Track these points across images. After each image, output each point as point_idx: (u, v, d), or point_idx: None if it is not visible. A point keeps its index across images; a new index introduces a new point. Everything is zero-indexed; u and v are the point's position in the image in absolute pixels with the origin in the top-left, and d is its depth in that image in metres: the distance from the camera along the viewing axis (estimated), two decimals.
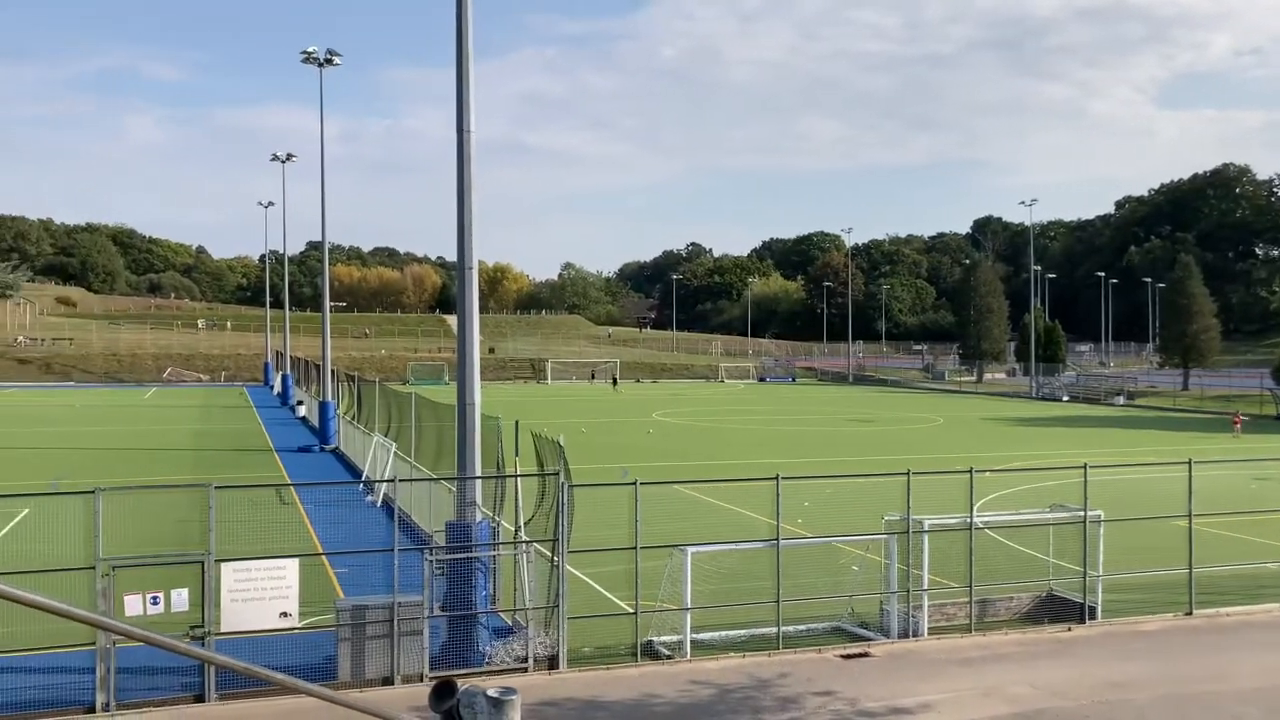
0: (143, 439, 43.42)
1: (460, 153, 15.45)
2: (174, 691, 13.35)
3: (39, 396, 70.29)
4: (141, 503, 23.48)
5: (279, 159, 62.61)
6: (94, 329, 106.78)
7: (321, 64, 41.44)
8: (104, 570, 13.06)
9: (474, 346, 15.73)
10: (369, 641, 13.78)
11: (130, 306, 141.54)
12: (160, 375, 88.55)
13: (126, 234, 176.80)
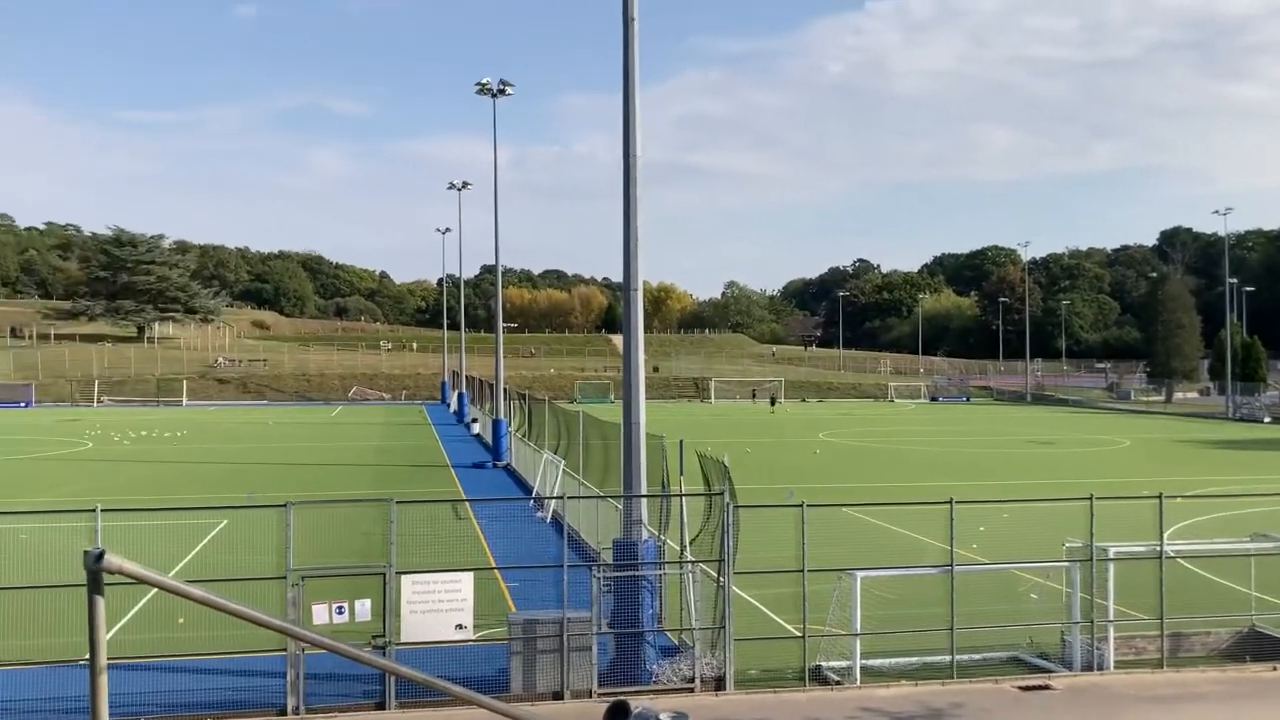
0: (329, 454, 45.74)
1: (627, 177, 15.70)
2: (357, 698, 13.96)
3: (236, 414, 75.09)
4: (329, 516, 24.72)
5: (455, 187, 65.19)
6: (285, 351, 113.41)
7: (495, 94, 42.93)
8: (294, 580, 13.79)
9: (639, 366, 15.91)
10: (540, 656, 14.07)
11: (318, 329, 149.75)
12: (346, 394, 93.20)
13: (315, 260, 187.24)
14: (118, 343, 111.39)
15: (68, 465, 41.91)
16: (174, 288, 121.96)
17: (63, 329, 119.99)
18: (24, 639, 15.80)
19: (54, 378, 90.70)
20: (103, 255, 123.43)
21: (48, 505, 29.35)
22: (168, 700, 13.29)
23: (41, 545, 22.66)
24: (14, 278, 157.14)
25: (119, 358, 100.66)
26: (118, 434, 56.22)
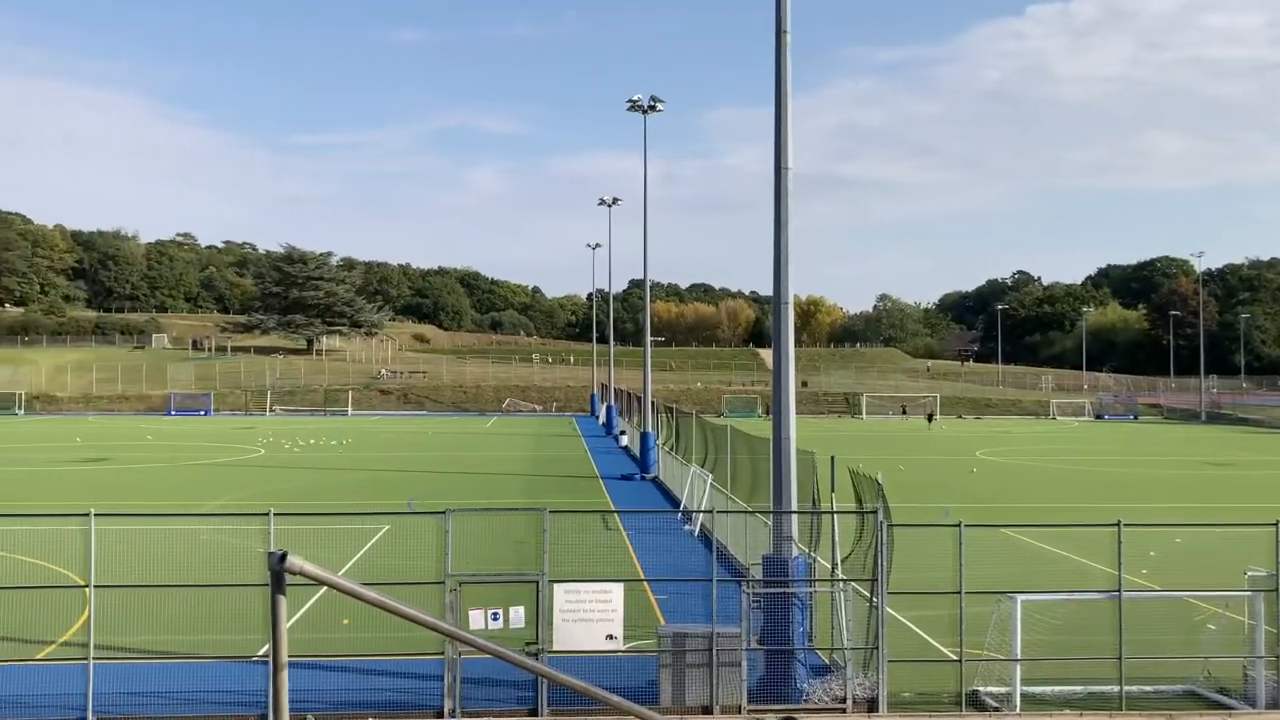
0: (484, 464, 46.97)
1: (778, 189, 15.62)
2: (510, 704, 14.26)
3: (398, 424, 77.99)
4: (484, 524, 25.37)
5: (605, 203, 66.16)
6: (444, 363, 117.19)
7: (645, 111, 43.41)
8: (452, 585, 14.20)
9: (789, 380, 15.77)
10: (689, 669, 14.07)
11: (474, 342, 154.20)
12: (500, 405, 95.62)
13: (472, 276, 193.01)
14: (289, 355, 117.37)
15: (243, 471, 44.33)
16: (341, 303, 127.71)
17: (239, 342, 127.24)
18: (202, 634, 16.78)
19: (230, 388, 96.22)
20: (276, 272, 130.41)
21: (225, 508, 31.12)
22: (332, 698, 13.86)
23: (220, 546, 24.03)
24: (195, 293, 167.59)
25: (290, 369, 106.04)
26: (288, 441, 59.17)
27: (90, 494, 34.76)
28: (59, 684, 14.27)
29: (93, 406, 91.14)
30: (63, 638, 16.76)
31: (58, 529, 22.69)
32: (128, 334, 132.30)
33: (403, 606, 3.23)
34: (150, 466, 45.78)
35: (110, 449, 54.19)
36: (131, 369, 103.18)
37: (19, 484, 38.71)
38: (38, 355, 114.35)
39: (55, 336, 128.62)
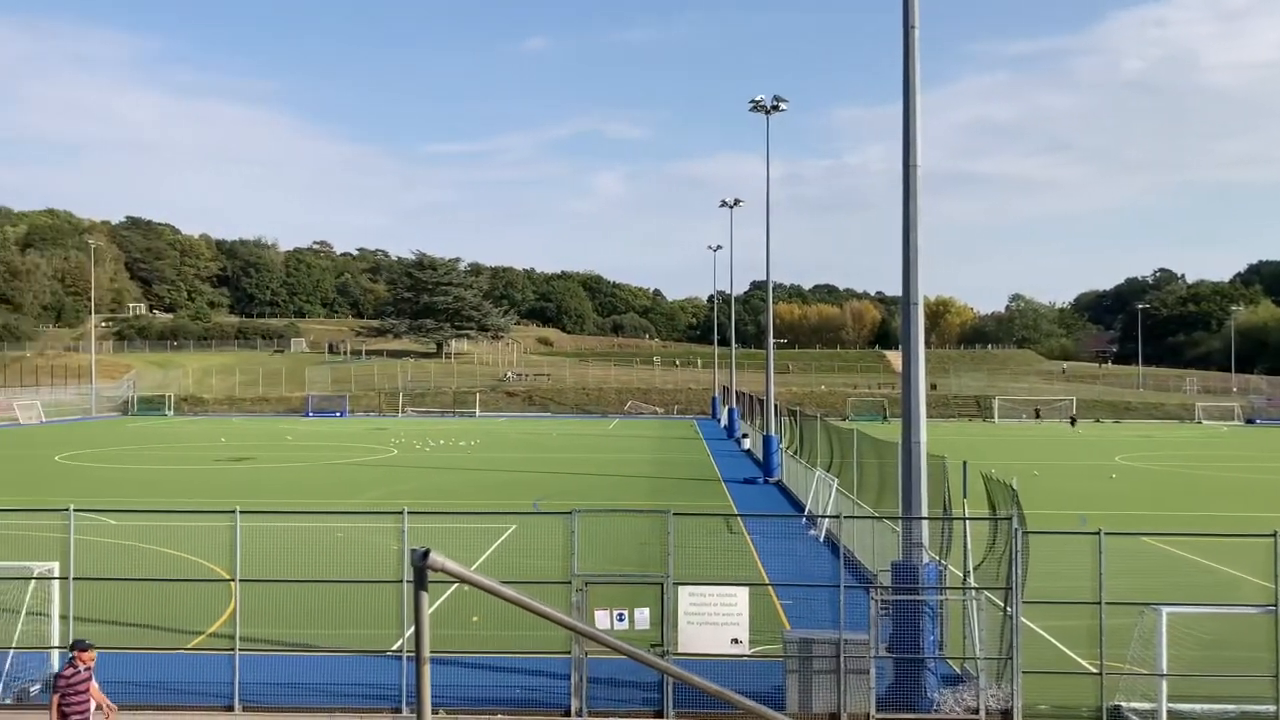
0: (607, 466, 47.38)
1: (906, 187, 15.31)
2: (636, 705, 14.33)
3: (523, 425, 79.36)
4: (608, 525, 25.57)
5: (727, 205, 66.02)
6: (567, 365, 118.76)
7: (768, 111, 43.15)
8: (578, 585, 14.35)
9: (919, 383, 15.43)
10: (815, 675, 13.90)
11: (596, 345, 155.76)
12: (622, 407, 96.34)
13: (594, 280, 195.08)
14: (419, 358, 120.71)
15: (377, 470, 45.75)
16: (469, 307, 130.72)
17: (372, 345, 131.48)
18: (340, 628, 17.37)
19: (365, 390, 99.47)
20: (407, 278, 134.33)
21: (360, 507, 32.16)
22: (462, 694, 14.17)
23: (356, 543, 24.85)
24: (332, 299, 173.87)
25: (420, 372, 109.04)
26: (419, 442, 60.84)
27: (235, 492, 36.40)
28: (208, 672, 14.98)
29: (236, 408, 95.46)
30: (211, 629, 17.58)
31: (206, 525, 23.84)
32: (268, 339, 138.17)
33: (540, 605, 3.27)
34: (290, 466, 47.66)
35: (253, 449, 56.65)
36: (272, 372, 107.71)
37: (170, 482, 40.80)
38: (185, 359, 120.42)
39: (201, 341, 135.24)
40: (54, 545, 16.99)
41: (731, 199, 65.99)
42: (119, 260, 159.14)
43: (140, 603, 17.80)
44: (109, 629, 16.53)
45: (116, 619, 17.02)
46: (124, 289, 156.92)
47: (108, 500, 32.90)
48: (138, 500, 33.98)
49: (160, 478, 42.38)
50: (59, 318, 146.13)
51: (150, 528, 25.50)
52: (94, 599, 16.23)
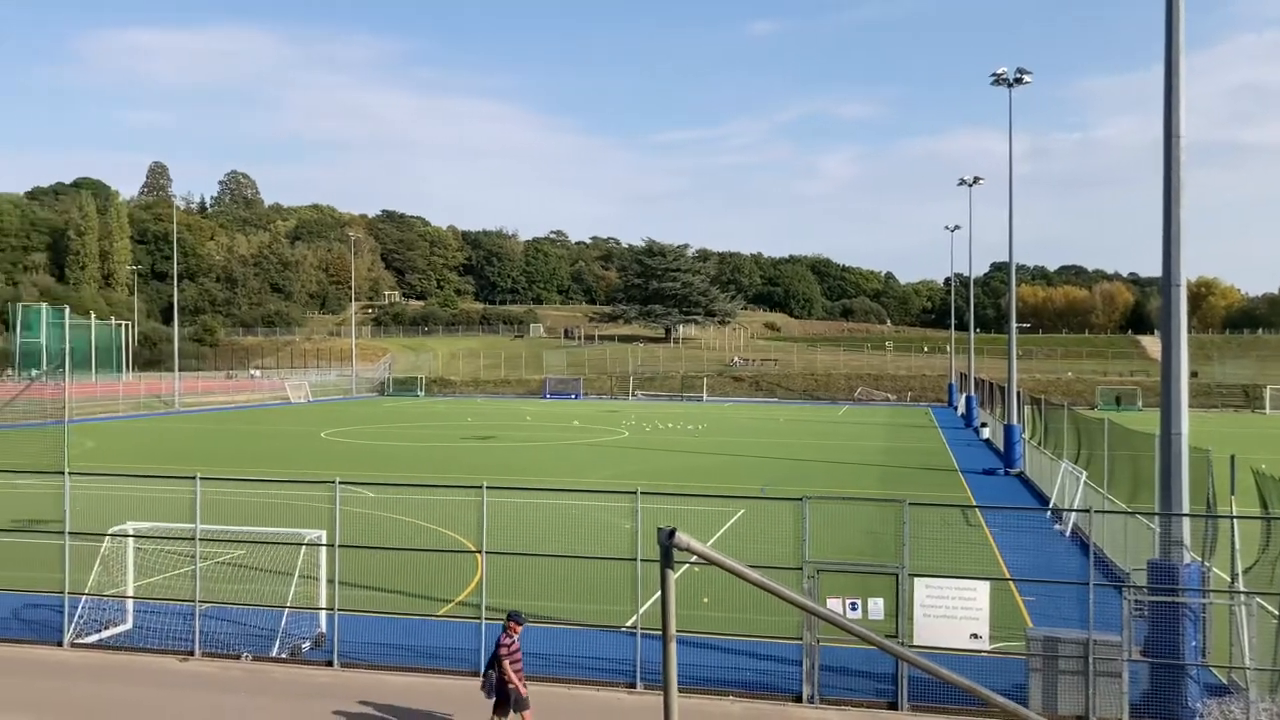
0: (836, 453, 46.72)
1: (1168, 159, 14.20)
2: (869, 695, 14.09)
3: (750, 410, 79.45)
4: (837, 512, 25.23)
5: (966, 183, 63.42)
6: (794, 351, 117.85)
7: (1011, 84, 41.11)
8: (809, 572, 14.23)
9: (1181, 370, 14.31)
10: (1061, 676, 13.21)
11: (825, 330, 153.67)
12: (851, 394, 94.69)
13: (823, 263, 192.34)
14: (649, 343, 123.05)
15: (609, 451, 47.03)
16: (696, 293, 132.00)
17: (605, 330, 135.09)
18: (576, 601, 17.98)
19: (597, 374, 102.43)
20: (637, 264, 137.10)
21: (594, 485, 33.14)
22: (693, 674, 14.35)
23: (591, 520, 25.65)
24: (566, 286, 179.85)
25: (650, 356, 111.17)
26: (649, 425, 62.08)
27: (479, 468, 38.38)
28: (456, 639, 15.87)
29: (480, 389, 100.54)
30: (459, 597, 18.62)
31: (453, 499, 25.25)
32: (509, 324, 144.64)
33: (787, 591, 3.26)
34: (530, 445, 49.75)
35: (496, 428, 59.53)
36: (513, 356, 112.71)
37: (421, 458, 43.49)
38: (435, 343, 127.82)
39: (449, 327, 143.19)
40: (320, 514, 18.47)
41: (970, 177, 63.33)
42: (376, 251, 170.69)
43: (395, 570, 19.09)
44: (367, 593, 17.83)
45: (374, 584, 18.33)
46: (380, 278, 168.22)
47: (366, 474, 35.45)
48: (392, 474, 36.42)
49: (412, 454, 45.25)
50: (323, 305, 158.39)
51: (404, 500, 27.29)
52: (355, 565, 17.52)
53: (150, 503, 21.47)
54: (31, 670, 15.10)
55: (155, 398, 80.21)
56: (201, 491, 16.25)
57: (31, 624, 17.12)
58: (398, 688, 14.37)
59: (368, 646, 15.67)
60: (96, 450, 44.14)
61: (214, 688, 14.38)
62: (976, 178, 63.24)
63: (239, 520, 18.49)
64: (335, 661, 15.22)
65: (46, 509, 20.50)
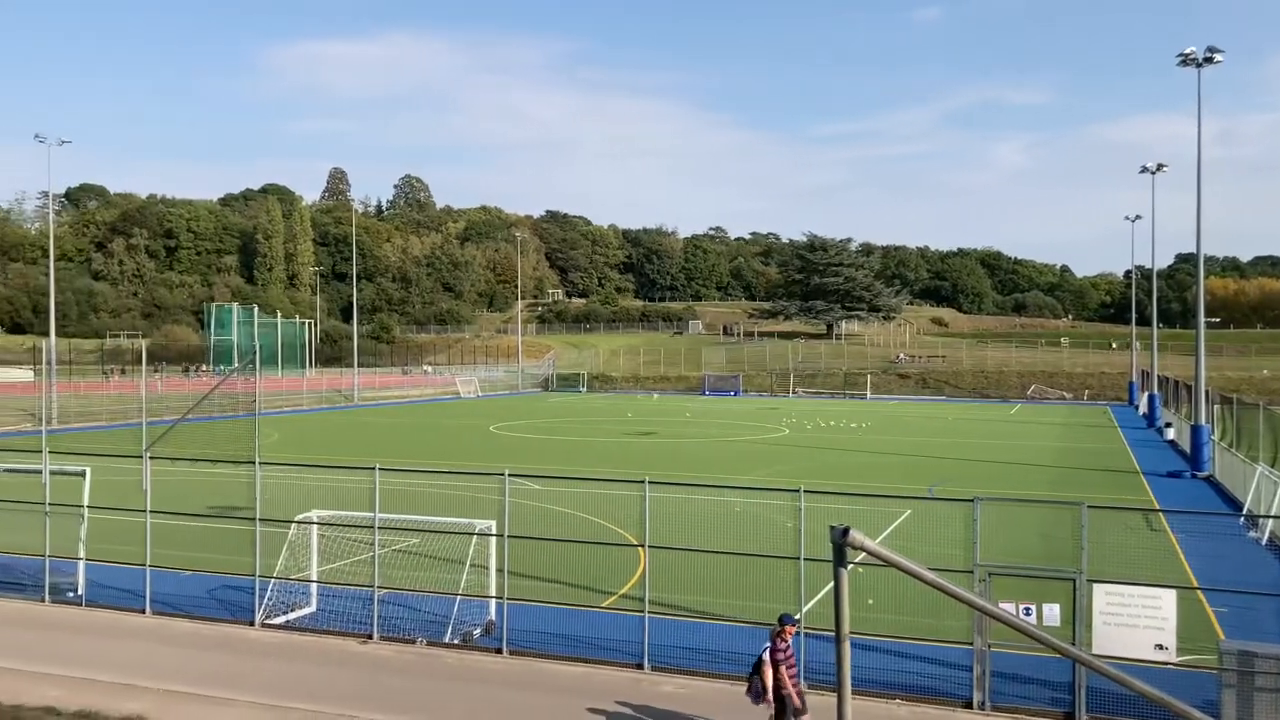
0: (1007, 453, 45.07)
1: None
2: (1043, 704, 13.54)
3: (916, 408, 77.50)
4: (1008, 514, 24.34)
5: (1149, 170, 60.10)
6: (963, 347, 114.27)
7: (1200, 64, 38.71)
8: (980, 575, 13.77)
9: None
10: (1258, 693, 12.36)
11: (995, 326, 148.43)
12: (1024, 392, 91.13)
13: (993, 256, 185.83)
14: (809, 339, 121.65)
15: (769, 448, 46.74)
16: (859, 288, 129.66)
17: (764, 327, 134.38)
18: (737, 598, 17.96)
19: (757, 370, 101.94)
20: (797, 260, 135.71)
21: (755, 483, 33.01)
22: (857, 675, 13.94)
23: (751, 517, 25.57)
24: (726, 283, 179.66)
25: (811, 353, 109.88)
26: (809, 422, 61.38)
27: (640, 463, 38.78)
28: (619, 631, 16.09)
29: (640, 385, 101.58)
30: (621, 590, 18.87)
31: (616, 493, 25.60)
32: (669, 321, 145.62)
33: (964, 592, 3.16)
34: (689, 441, 49.95)
35: (656, 424, 60.02)
36: (672, 352, 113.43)
37: (584, 451, 44.27)
38: (597, 340, 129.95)
39: (610, 323, 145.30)
40: (489, 505, 19.04)
41: (1154, 164, 59.97)
42: (540, 251, 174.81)
43: (560, 561, 19.49)
44: (534, 583, 18.27)
45: (540, 574, 18.77)
46: (544, 277, 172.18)
47: (532, 466, 36.32)
48: (556, 467, 37.21)
49: (575, 448, 46.11)
50: (491, 303, 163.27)
51: (568, 493, 27.82)
52: (522, 555, 17.96)
53: (332, 491, 22.61)
54: (227, 647, 16.13)
55: (336, 392, 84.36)
56: (379, 482, 16.99)
57: (226, 604, 18.28)
58: (565, 677, 14.68)
59: (535, 635, 16.06)
60: (281, 442, 46.77)
61: (391, 670, 15.02)
62: (1159, 165, 59.83)
63: (413, 510, 19.24)
64: (505, 649, 15.66)
65: (239, 496, 21.85)
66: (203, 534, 22.36)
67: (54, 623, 17.44)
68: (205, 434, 21.15)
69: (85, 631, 16.94)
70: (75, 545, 18.88)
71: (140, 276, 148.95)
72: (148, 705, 13.06)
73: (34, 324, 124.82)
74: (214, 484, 27.08)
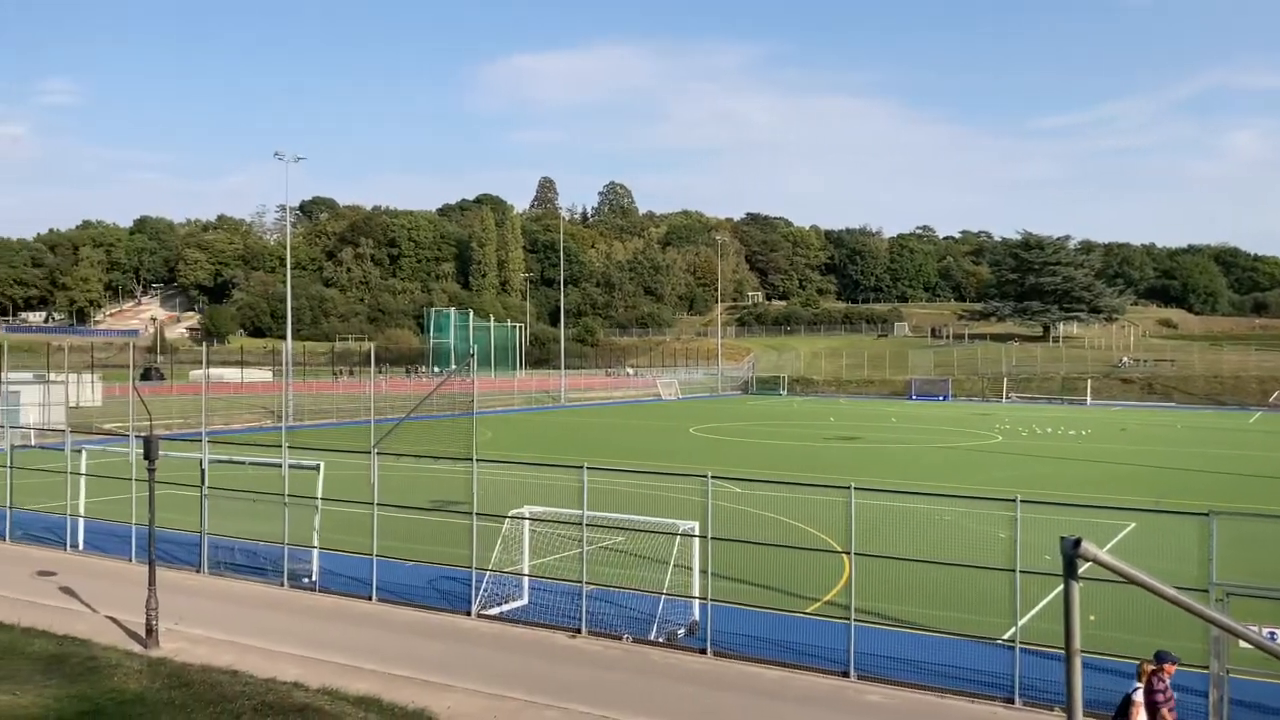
0: (1245, 464, 41.71)
1: None
2: None
3: (1141, 415, 72.84)
4: (1246, 530, 22.52)
5: None
6: (1195, 350, 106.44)
7: None
8: (1218, 595, 12.84)
9: None
10: None
11: (1232, 327, 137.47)
12: (1265, 399, 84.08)
13: (1229, 252, 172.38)
14: (1024, 342, 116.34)
15: (980, 455, 45.04)
16: (1078, 287, 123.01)
17: (975, 329, 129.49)
18: (947, 610, 17.41)
19: (967, 374, 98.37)
20: (1011, 259, 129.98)
21: (965, 491, 31.90)
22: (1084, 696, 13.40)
23: (960, 527, 24.73)
24: (934, 283, 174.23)
25: (1025, 356, 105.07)
26: (1024, 429, 58.71)
27: (842, 469, 38.18)
28: (822, 637, 15.91)
29: (843, 389, 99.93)
30: (826, 597, 18.65)
31: (817, 499, 25.31)
32: (872, 323, 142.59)
33: (1212, 612, 2.98)
34: (895, 447, 48.78)
35: (859, 429, 58.93)
36: (876, 356, 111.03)
37: (785, 455, 43.98)
38: (797, 343, 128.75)
39: (811, 326, 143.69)
40: (691, 506, 19.22)
41: None
42: (740, 253, 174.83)
43: (762, 564, 19.45)
44: (736, 586, 18.30)
45: (742, 577, 18.79)
46: (744, 279, 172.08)
47: (732, 469, 36.40)
48: (756, 471, 37.13)
49: (776, 452, 45.87)
50: (691, 306, 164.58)
51: (769, 497, 27.75)
52: (725, 557, 18.04)
53: (541, 488, 23.38)
54: (445, 635, 16.96)
55: (544, 393, 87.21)
56: (587, 480, 17.45)
57: (445, 594, 19.21)
58: (768, 680, 14.64)
59: (739, 638, 16.09)
60: (494, 440, 48.73)
61: (598, 664, 15.40)
62: None
63: (617, 508, 19.66)
64: (709, 649, 15.77)
65: (456, 491, 22.93)
66: (423, 526, 23.58)
67: (292, 606, 18.83)
68: (427, 431, 22.31)
69: (318, 615, 18.19)
70: (310, 534, 20.30)
71: (366, 283, 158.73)
72: (377, 686, 13.90)
73: (273, 328, 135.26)
74: (434, 479, 28.52)
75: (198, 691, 13.28)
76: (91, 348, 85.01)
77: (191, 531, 21.87)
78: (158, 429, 20.80)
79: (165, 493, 18.05)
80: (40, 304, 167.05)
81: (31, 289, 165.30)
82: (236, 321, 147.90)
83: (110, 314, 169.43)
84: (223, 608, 18.42)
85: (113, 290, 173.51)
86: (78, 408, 54.31)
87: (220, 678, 13.99)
